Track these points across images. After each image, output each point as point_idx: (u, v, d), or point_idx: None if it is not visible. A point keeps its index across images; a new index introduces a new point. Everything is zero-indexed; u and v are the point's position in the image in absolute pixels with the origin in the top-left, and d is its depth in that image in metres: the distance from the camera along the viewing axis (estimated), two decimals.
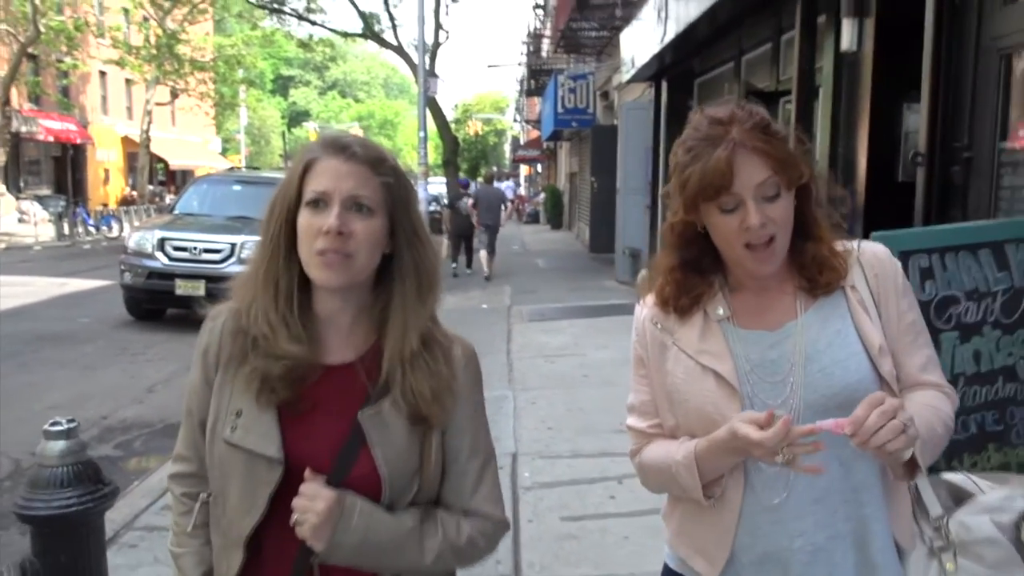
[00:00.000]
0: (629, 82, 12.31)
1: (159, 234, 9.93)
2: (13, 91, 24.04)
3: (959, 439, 2.23)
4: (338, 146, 1.35)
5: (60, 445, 2.08)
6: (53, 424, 2.09)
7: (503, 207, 16.12)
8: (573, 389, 6.74)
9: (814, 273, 1.44)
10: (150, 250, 9.78)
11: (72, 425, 2.10)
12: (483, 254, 15.20)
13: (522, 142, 44.30)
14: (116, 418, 6.42)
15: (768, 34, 7.49)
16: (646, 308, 1.55)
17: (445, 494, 1.43)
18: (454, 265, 15.26)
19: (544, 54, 24.85)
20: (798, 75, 5.61)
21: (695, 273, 1.49)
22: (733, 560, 1.45)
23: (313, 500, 1.30)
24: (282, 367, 1.33)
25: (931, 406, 1.43)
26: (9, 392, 6.88)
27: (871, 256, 1.48)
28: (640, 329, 1.56)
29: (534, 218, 33.11)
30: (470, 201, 15.72)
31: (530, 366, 7.65)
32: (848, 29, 4.96)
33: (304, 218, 1.33)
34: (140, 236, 10.20)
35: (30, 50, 23.90)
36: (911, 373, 1.46)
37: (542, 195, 34.18)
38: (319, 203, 1.32)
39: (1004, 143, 2.92)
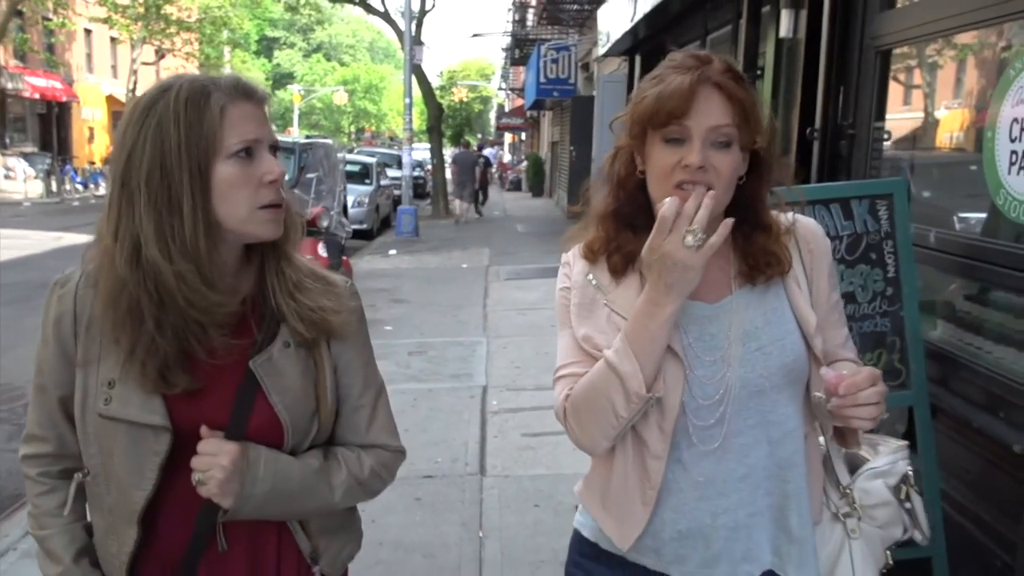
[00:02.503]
0: (605, 56, 12.93)
1: None
2: (0, 48, 24.24)
3: None
4: (246, 89, 1.27)
5: None
6: None
7: (476, 168, 20.14)
8: (541, 337, 7.47)
9: (759, 263, 1.38)
10: None
11: None
12: (458, 203, 19.77)
13: (507, 110, 44.70)
14: None
15: (729, 17, 8.13)
16: (579, 260, 1.46)
17: (341, 432, 1.41)
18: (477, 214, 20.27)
19: (529, 24, 25.30)
20: (744, 58, 6.28)
21: (628, 229, 1.40)
22: (654, 535, 1.40)
23: (216, 455, 1.25)
24: (212, 321, 1.26)
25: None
26: (24, 333, 7.51)
27: (807, 232, 1.44)
28: (572, 282, 1.45)
29: (516, 186, 33.66)
30: (449, 162, 19.73)
31: (503, 317, 8.36)
32: (786, 18, 5.64)
33: (234, 169, 1.23)
34: None
35: (17, 7, 24.06)
36: (833, 349, 1.45)
37: (524, 163, 34.71)
38: (249, 152, 1.24)
39: (877, 122, 3.62)
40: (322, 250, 6.99)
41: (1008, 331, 2.89)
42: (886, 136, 3.68)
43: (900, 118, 3.72)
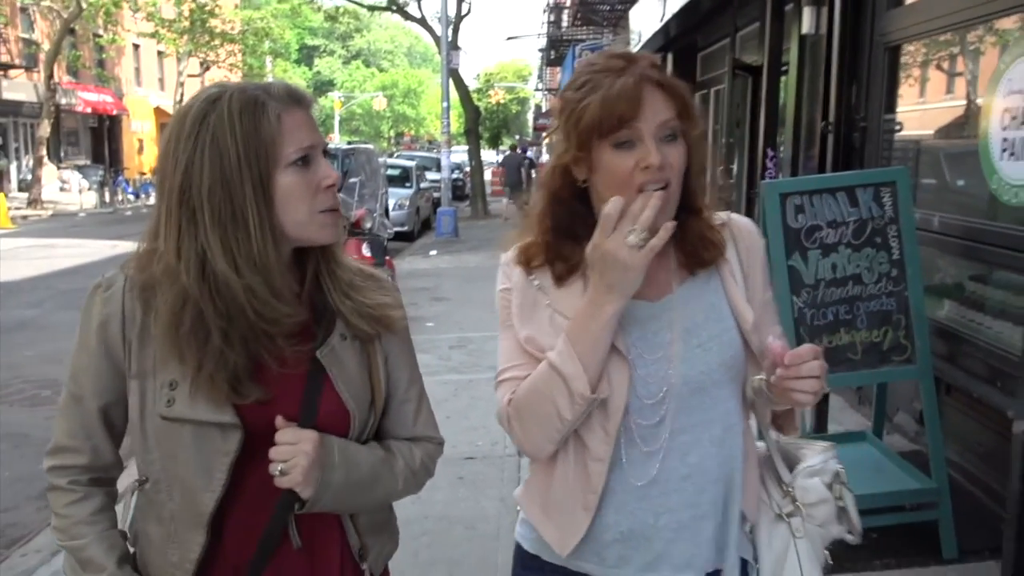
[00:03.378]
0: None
1: None
2: (54, 65, 25.15)
3: (820, 324, 3.18)
4: (297, 96, 1.27)
5: None
6: None
7: (521, 168, 20.56)
8: None
9: (696, 247, 1.37)
10: None
11: None
12: (505, 202, 20.29)
13: (544, 110, 44.93)
14: None
15: (756, 14, 8.31)
16: (518, 264, 1.42)
17: (389, 425, 1.42)
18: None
19: (564, 24, 25.52)
20: (769, 54, 6.47)
21: (568, 239, 1.37)
22: (594, 538, 1.38)
23: (297, 443, 1.24)
24: (281, 331, 1.25)
25: None
26: None
27: (742, 229, 1.44)
28: (513, 283, 1.42)
29: None
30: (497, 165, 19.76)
31: None
32: (808, 15, 5.82)
33: (294, 177, 1.23)
34: None
35: (70, 25, 24.95)
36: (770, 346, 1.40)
37: None
38: (306, 160, 1.24)
39: (888, 114, 3.81)
40: (366, 250, 7.31)
41: (1006, 307, 3.08)
42: (897, 127, 3.88)
43: (908, 110, 3.92)
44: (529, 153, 33.54)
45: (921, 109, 3.82)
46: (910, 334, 3.15)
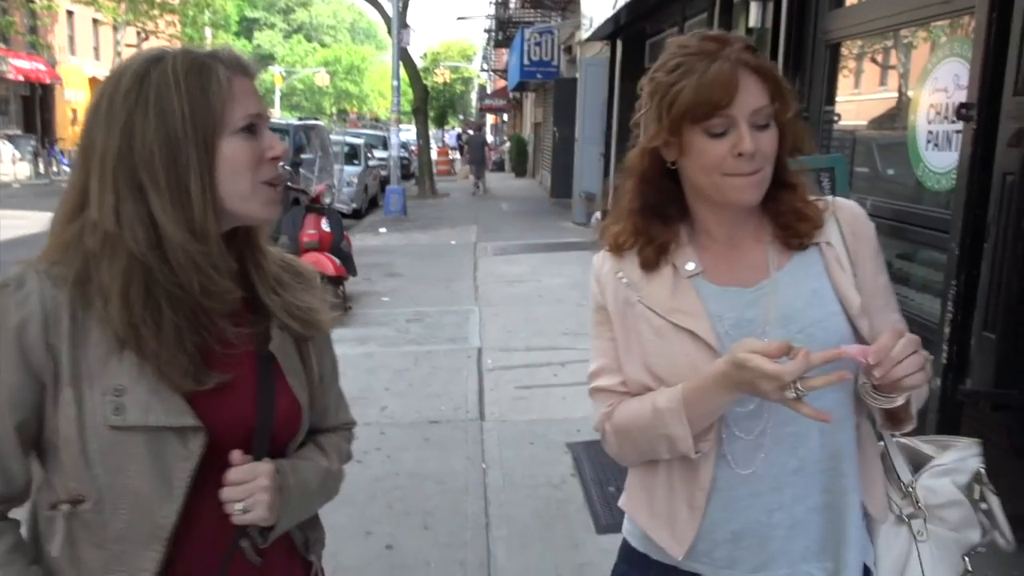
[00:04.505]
0: (588, 40, 13.42)
1: None
2: None
3: None
4: (244, 64, 1.20)
5: None
6: None
7: (485, 147, 24.65)
8: (529, 305, 8.01)
9: (791, 221, 1.33)
10: None
11: None
12: (471, 179, 24.01)
13: (489, 91, 45.01)
14: None
15: (704, 5, 8.65)
16: (608, 260, 1.42)
17: (315, 418, 1.34)
18: (476, 188, 23.15)
19: (512, 6, 25.68)
20: None
21: (658, 220, 1.36)
22: (705, 537, 1.34)
23: (254, 479, 1.17)
24: (222, 309, 1.17)
25: None
26: None
27: (848, 213, 1.38)
28: (602, 281, 1.42)
29: (499, 166, 34.09)
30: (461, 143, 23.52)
31: (493, 289, 8.89)
32: (755, 10, 6.17)
33: (240, 145, 1.15)
34: None
35: None
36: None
37: (507, 144, 35.14)
38: (252, 128, 1.17)
39: (828, 106, 4.16)
40: (325, 225, 7.46)
41: (928, 282, 3.45)
42: (836, 118, 4.24)
43: (846, 102, 4.28)
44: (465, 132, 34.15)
45: (858, 102, 4.17)
46: None
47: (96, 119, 1.14)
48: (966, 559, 1.38)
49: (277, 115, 42.40)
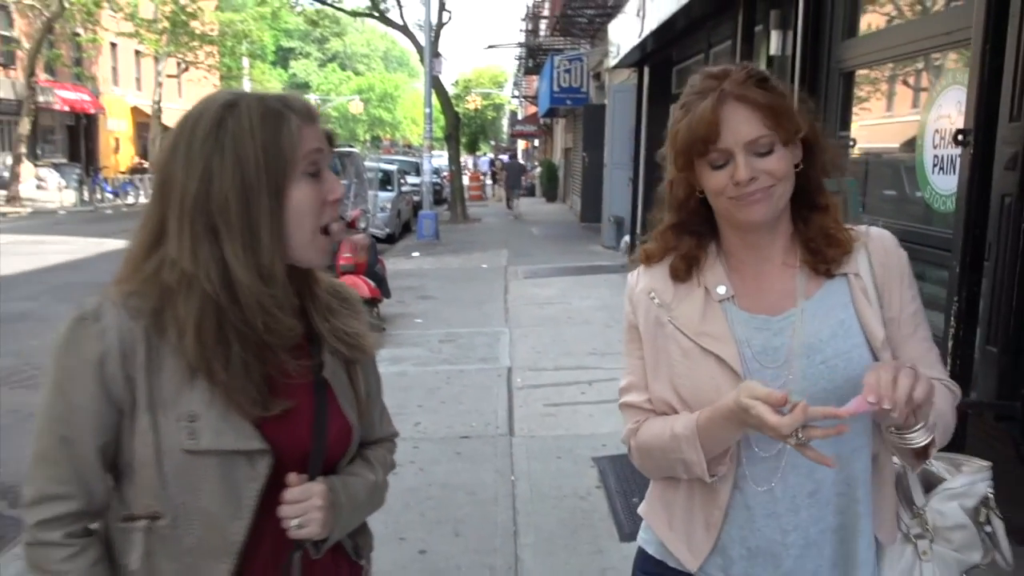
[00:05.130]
0: (615, 67, 13.66)
1: None
2: (35, 63, 25.20)
3: None
4: (313, 112, 1.27)
5: None
6: None
7: (523, 174, 26.44)
8: (558, 327, 8.19)
9: (821, 246, 1.34)
10: None
11: None
12: (509, 200, 25.26)
13: (520, 117, 45.48)
14: None
15: (729, 33, 8.84)
16: (641, 279, 1.46)
17: (362, 431, 1.42)
18: (509, 209, 24.60)
19: (542, 34, 26.08)
20: None
21: (688, 235, 1.41)
22: (722, 552, 1.39)
23: (308, 498, 1.26)
24: (284, 345, 1.26)
25: (941, 392, 1.34)
26: None
27: (878, 244, 1.40)
28: (634, 300, 1.46)
29: (530, 191, 34.41)
30: (499, 167, 24.51)
31: (523, 311, 9.09)
32: (775, 38, 6.35)
33: (306, 189, 1.23)
34: None
35: (52, 24, 25.02)
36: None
37: (538, 169, 35.46)
38: (316, 173, 1.25)
39: (842, 132, 4.32)
40: (361, 250, 7.73)
41: (937, 299, 3.59)
42: (851, 143, 4.40)
43: (860, 128, 4.44)
44: (503, 157, 34.61)
45: (870, 127, 4.33)
46: None
47: (175, 159, 1.22)
48: None
49: None
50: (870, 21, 4.28)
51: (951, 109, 3.27)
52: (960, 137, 2.69)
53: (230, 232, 1.19)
